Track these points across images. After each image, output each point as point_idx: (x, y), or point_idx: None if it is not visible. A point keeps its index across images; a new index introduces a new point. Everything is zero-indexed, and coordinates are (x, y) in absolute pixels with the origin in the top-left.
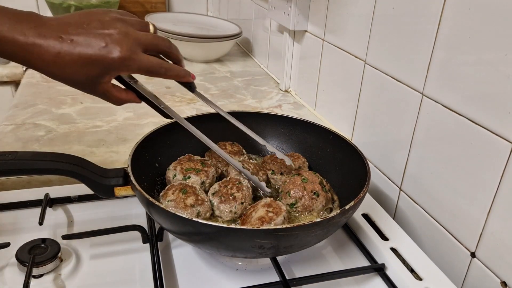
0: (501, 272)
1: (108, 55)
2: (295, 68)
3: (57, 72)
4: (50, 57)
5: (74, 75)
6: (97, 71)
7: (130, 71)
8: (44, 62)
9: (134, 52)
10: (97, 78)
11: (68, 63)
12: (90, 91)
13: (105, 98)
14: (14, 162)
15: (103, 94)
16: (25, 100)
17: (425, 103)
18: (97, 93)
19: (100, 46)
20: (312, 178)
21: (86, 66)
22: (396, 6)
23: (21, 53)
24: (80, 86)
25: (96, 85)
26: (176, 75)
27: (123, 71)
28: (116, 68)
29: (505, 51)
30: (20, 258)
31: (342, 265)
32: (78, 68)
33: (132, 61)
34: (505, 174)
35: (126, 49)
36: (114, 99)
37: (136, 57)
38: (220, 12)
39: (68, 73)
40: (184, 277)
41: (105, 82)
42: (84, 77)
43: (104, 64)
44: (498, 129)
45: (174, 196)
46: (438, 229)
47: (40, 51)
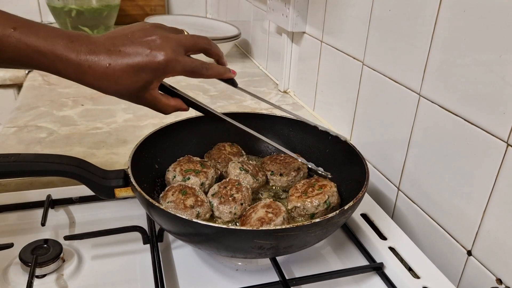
0: (497, 270)
1: (155, 59)
2: (294, 69)
3: (109, 84)
4: (101, 70)
5: (125, 85)
6: (146, 77)
7: (175, 73)
8: (96, 77)
9: (178, 54)
10: (146, 84)
11: (118, 73)
12: (140, 101)
13: (154, 106)
14: (17, 164)
15: (152, 102)
16: (27, 103)
17: (422, 104)
18: (147, 101)
19: (146, 52)
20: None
21: (135, 74)
22: (392, 8)
23: (75, 70)
24: (131, 96)
25: (145, 93)
26: (217, 73)
27: (169, 73)
28: (163, 71)
29: (499, 52)
30: (23, 258)
31: (341, 265)
32: (127, 77)
33: (177, 63)
34: (500, 173)
35: (170, 52)
36: (163, 106)
37: (180, 59)
38: (219, 14)
39: (119, 84)
40: (184, 278)
41: (153, 89)
42: (134, 85)
43: (152, 69)
44: (493, 129)
45: (174, 197)
46: (435, 228)
47: (92, 66)
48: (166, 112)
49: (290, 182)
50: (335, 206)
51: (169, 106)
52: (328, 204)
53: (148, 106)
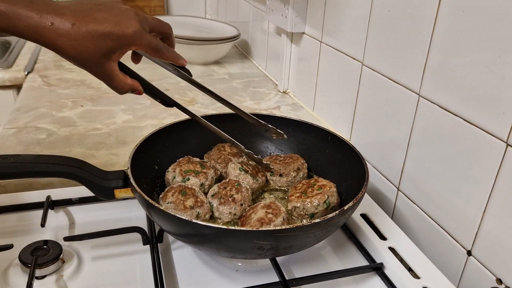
0: (497, 270)
1: (123, 29)
2: (293, 70)
3: (70, 44)
4: (65, 28)
5: (87, 48)
6: (110, 44)
7: (140, 46)
8: (58, 34)
9: (144, 29)
10: (109, 52)
11: (82, 34)
12: (97, 70)
13: (110, 80)
14: (16, 165)
15: (110, 75)
16: (27, 104)
17: (422, 104)
18: (105, 72)
19: (115, 20)
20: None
21: (100, 38)
22: (392, 8)
23: (35, 28)
24: (90, 63)
25: (105, 62)
26: (174, 56)
27: (135, 45)
28: (128, 42)
29: (498, 52)
30: (23, 259)
31: (341, 265)
32: (92, 40)
33: (144, 37)
34: (500, 173)
35: (139, 24)
36: (120, 81)
37: (146, 34)
38: (218, 14)
39: (81, 45)
40: (184, 278)
41: (114, 60)
42: (97, 50)
43: (118, 37)
44: (492, 129)
45: (174, 198)
46: (435, 228)
47: (54, 23)
48: (121, 90)
49: (290, 182)
50: (335, 206)
51: (126, 84)
52: (327, 204)
53: (104, 78)
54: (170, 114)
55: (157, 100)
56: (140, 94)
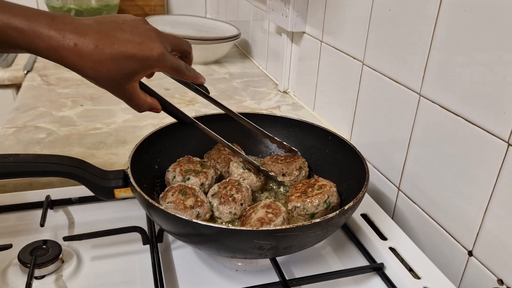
0: (498, 270)
1: (147, 51)
2: (294, 69)
3: (92, 66)
4: (88, 50)
5: (109, 70)
6: (133, 66)
7: (163, 68)
8: (81, 56)
9: (167, 50)
10: (131, 74)
11: (105, 56)
12: (118, 90)
13: (131, 100)
14: (16, 164)
15: (131, 95)
16: (26, 103)
17: (423, 104)
18: (126, 92)
19: (138, 41)
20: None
21: (124, 61)
22: (392, 7)
23: (56, 48)
24: (111, 83)
25: (126, 84)
26: (195, 76)
27: (158, 67)
28: (151, 64)
29: (500, 51)
30: (22, 259)
31: (341, 265)
32: (115, 62)
33: (166, 59)
34: (501, 173)
35: (162, 47)
36: (140, 100)
37: (168, 56)
38: (219, 14)
39: (103, 68)
40: (184, 278)
41: (136, 81)
42: (119, 72)
43: (142, 59)
44: (494, 129)
45: (174, 197)
46: (436, 228)
47: (78, 45)
48: (140, 108)
49: (293, 181)
50: (335, 206)
51: (146, 103)
52: (328, 204)
53: (125, 98)
54: None
55: (175, 118)
56: (158, 112)
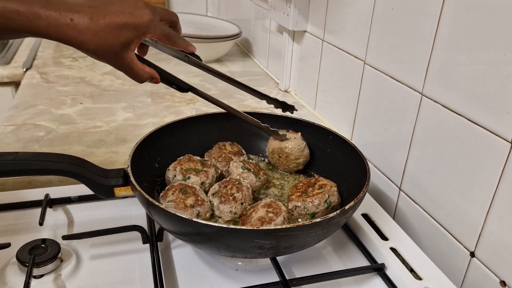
0: (500, 272)
1: (138, 19)
2: (295, 68)
3: (91, 38)
4: (84, 23)
5: (107, 40)
6: (128, 34)
7: (154, 34)
8: (78, 30)
9: (156, 18)
10: (127, 42)
11: (101, 27)
12: (117, 61)
13: (130, 70)
14: (15, 162)
15: (130, 64)
16: (25, 101)
17: (425, 103)
18: (125, 62)
19: (129, 11)
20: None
21: (118, 30)
22: (395, 6)
23: (55, 26)
24: (111, 54)
25: (124, 53)
26: (185, 44)
27: (149, 33)
28: (144, 31)
29: (504, 50)
30: (20, 258)
31: (342, 265)
32: (110, 32)
33: (157, 25)
34: (504, 174)
35: (151, 14)
36: (139, 70)
37: (158, 23)
38: (220, 12)
39: (101, 39)
40: (184, 277)
41: (132, 49)
42: (116, 41)
43: (134, 27)
44: (497, 128)
45: (174, 196)
46: (438, 228)
47: (74, 20)
48: (140, 78)
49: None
50: (336, 206)
51: (145, 72)
52: (328, 203)
53: (125, 69)
54: (171, 112)
55: (172, 86)
56: (157, 82)
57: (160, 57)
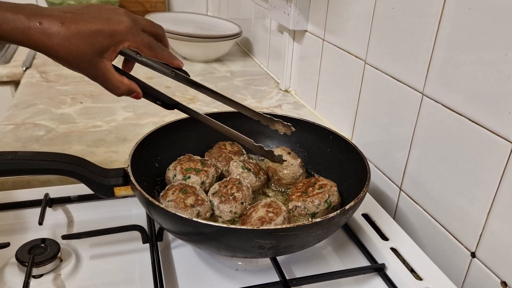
0: (501, 272)
1: (114, 25)
2: (295, 68)
3: (60, 43)
4: (54, 28)
5: (78, 46)
6: (102, 42)
7: (133, 43)
8: (47, 34)
9: (136, 27)
10: (101, 51)
11: (72, 33)
12: (91, 70)
13: (106, 80)
14: (14, 162)
15: (105, 74)
16: (25, 100)
17: (425, 103)
18: (99, 72)
19: (105, 18)
20: None
21: (91, 37)
22: (396, 5)
23: (23, 29)
24: (83, 62)
25: (99, 61)
26: (169, 57)
27: (127, 41)
28: (121, 38)
29: (505, 50)
30: (20, 258)
31: (342, 265)
32: (82, 38)
33: (136, 34)
34: (505, 174)
35: (130, 22)
36: (116, 81)
37: (138, 31)
38: (220, 11)
39: (72, 44)
40: (184, 277)
41: (107, 58)
42: (89, 48)
43: (110, 34)
44: (498, 129)
45: (174, 196)
46: (438, 229)
47: (43, 23)
48: (117, 90)
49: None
50: (336, 206)
51: (123, 84)
52: (328, 203)
53: (99, 79)
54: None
55: (157, 103)
56: (138, 97)
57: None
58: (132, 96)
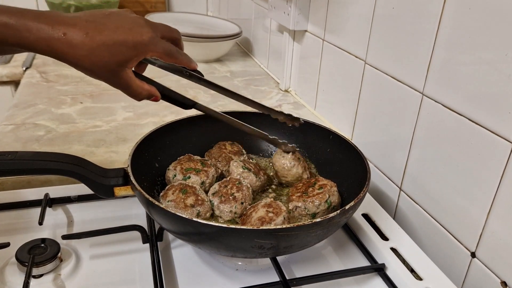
0: (501, 272)
1: (137, 36)
2: (295, 68)
3: (84, 54)
4: (78, 38)
5: (102, 58)
6: (126, 52)
7: (155, 53)
8: (71, 45)
9: (157, 35)
10: (125, 60)
11: (97, 43)
12: (114, 79)
13: (128, 88)
14: (14, 162)
15: (127, 83)
16: (25, 100)
17: (425, 103)
18: (122, 80)
19: (128, 27)
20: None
21: (115, 47)
22: (396, 5)
23: (47, 39)
24: (106, 72)
25: (122, 71)
26: (188, 61)
27: (150, 51)
28: (144, 49)
29: (505, 50)
30: (19, 258)
31: (342, 265)
32: (106, 49)
33: (158, 42)
34: (505, 174)
35: (152, 31)
36: (137, 88)
37: (159, 40)
38: (220, 11)
39: (96, 56)
40: (184, 277)
41: (130, 68)
42: (112, 59)
43: (133, 44)
44: (498, 129)
45: (174, 196)
46: (438, 229)
47: (67, 34)
48: (138, 96)
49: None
50: (336, 206)
51: (144, 90)
52: (329, 203)
53: (121, 87)
54: (171, 112)
55: (176, 104)
56: (157, 100)
57: None
58: (151, 99)
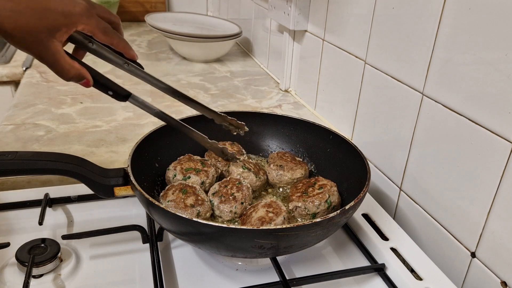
0: (501, 272)
1: (69, 7)
2: (295, 68)
3: (8, 16)
4: (2, 1)
5: (27, 23)
6: (55, 21)
7: (87, 25)
8: None
9: (92, 12)
10: (53, 30)
11: (23, 7)
12: (40, 49)
13: (55, 63)
14: (14, 162)
15: (54, 56)
16: (25, 100)
17: (425, 103)
18: (48, 52)
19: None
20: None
21: (44, 14)
22: (396, 5)
23: None
24: (30, 40)
25: (48, 41)
26: (125, 46)
27: (81, 23)
28: (75, 20)
29: (505, 50)
30: (19, 258)
31: (342, 265)
32: (33, 14)
33: (92, 17)
34: (505, 174)
35: (86, 5)
36: (64, 64)
37: (94, 15)
38: (220, 11)
39: (20, 20)
40: (184, 277)
41: (58, 39)
42: (39, 25)
43: (65, 14)
44: (498, 129)
45: (174, 196)
46: (438, 229)
47: None
48: (67, 74)
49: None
50: (336, 206)
51: (73, 68)
52: (329, 203)
53: (49, 60)
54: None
55: (108, 93)
56: (88, 85)
57: None
58: (81, 83)
